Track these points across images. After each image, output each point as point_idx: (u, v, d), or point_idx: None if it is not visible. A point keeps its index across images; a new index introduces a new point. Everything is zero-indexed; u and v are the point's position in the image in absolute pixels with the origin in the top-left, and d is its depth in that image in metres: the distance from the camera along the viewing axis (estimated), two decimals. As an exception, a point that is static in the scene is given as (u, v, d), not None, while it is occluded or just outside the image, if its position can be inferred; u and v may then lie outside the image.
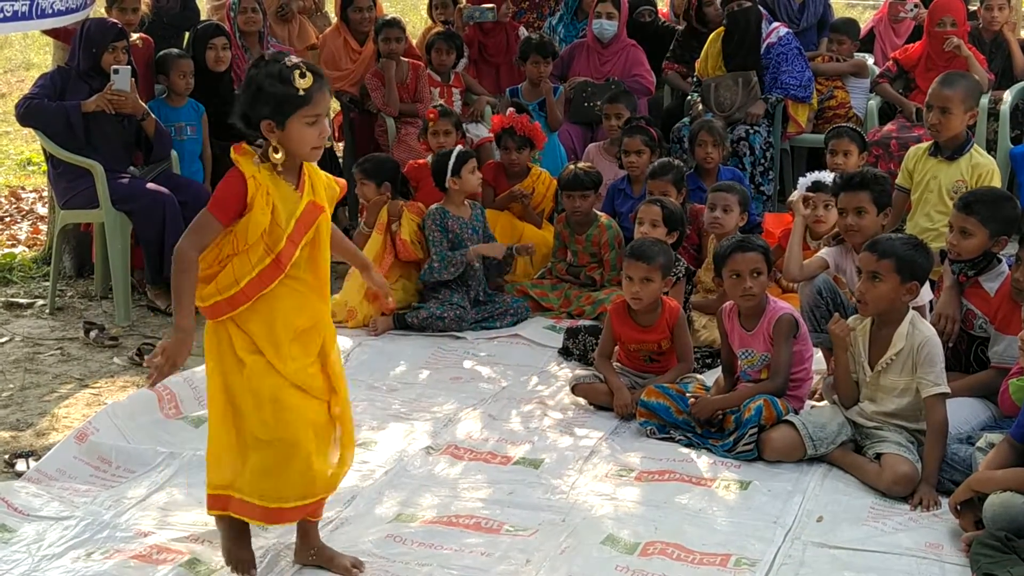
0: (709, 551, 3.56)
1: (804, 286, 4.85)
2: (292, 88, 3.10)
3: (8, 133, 10.77)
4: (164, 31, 7.26)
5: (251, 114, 3.15)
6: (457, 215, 5.91)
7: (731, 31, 7.51)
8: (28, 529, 3.71)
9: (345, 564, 3.46)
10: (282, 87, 3.10)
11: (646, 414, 4.47)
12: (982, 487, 3.55)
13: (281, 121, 3.12)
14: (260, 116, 3.13)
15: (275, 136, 3.14)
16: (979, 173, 5.21)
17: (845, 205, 4.82)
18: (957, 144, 5.29)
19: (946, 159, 5.28)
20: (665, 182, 5.84)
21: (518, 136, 6.39)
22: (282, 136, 3.14)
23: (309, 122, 3.14)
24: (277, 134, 3.14)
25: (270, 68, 3.13)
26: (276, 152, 3.14)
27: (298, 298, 3.26)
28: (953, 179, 5.24)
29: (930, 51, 7.38)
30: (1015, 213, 4.36)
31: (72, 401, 4.91)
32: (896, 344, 4.02)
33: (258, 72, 3.15)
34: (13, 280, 6.60)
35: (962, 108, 5.26)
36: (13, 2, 5.53)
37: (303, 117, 3.13)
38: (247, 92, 3.17)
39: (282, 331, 3.23)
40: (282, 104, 3.11)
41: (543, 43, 7.44)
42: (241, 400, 3.26)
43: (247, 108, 3.16)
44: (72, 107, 5.89)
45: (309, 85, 3.11)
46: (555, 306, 5.96)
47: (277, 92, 3.10)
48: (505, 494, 3.98)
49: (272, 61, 3.15)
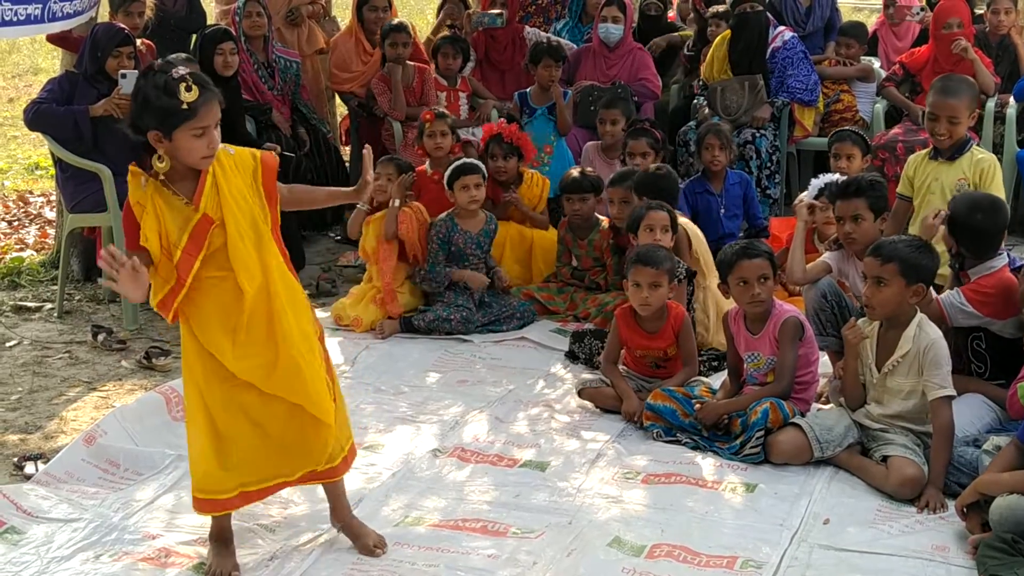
0: (716, 553, 3.56)
1: (809, 290, 4.85)
2: (177, 101, 3.09)
3: (16, 137, 10.81)
4: (170, 35, 7.29)
5: (139, 124, 3.17)
6: (464, 228, 5.91)
7: (737, 35, 7.52)
8: (37, 531, 3.72)
9: (368, 544, 3.56)
10: (167, 100, 3.10)
11: (652, 417, 4.47)
12: (989, 490, 3.55)
13: (167, 133, 3.13)
14: (147, 127, 3.14)
15: (163, 146, 3.15)
16: (981, 169, 5.19)
17: (842, 213, 4.81)
18: (958, 145, 5.27)
19: (947, 160, 5.27)
20: (626, 189, 5.82)
21: (505, 143, 6.30)
22: (169, 146, 3.15)
23: (196, 134, 3.14)
24: (165, 144, 3.15)
25: (156, 79, 3.13)
26: (160, 161, 3.16)
27: (227, 293, 3.27)
28: (955, 178, 5.22)
29: (937, 54, 7.38)
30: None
31: (80, 404, 4.93)
32: (903, 346, 4.02)
33: (146, 83, 3.15)
34: (21, 284, 6.62)
35: (967, 114, 5.25)
36: (27, 5, 5.56)
37: (189, 130, 3.13)
38: (135, 101, 3.18)
39: (220, 330, 3.27)
40: (168, 117, 3.11)
41: (554, 47, 7.45)
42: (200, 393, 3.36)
43: (135, 117, 3.18)
44: (80, 112, 5.92)
45: (195, 99, 3.11)
46: (561, 309, 5.97)
47: (163, 105, 3.10)
48: (512, 497, 3.99)
49: (159, 72, 3.15)
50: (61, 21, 5.94)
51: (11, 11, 5.48)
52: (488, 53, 8.17)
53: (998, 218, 4.45)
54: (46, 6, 5.69)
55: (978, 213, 4.41)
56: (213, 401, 3.34)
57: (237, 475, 3.38)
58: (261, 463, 3.40)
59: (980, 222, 4.38)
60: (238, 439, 3.36)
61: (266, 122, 7.08)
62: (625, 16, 7.82)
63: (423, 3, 18.04)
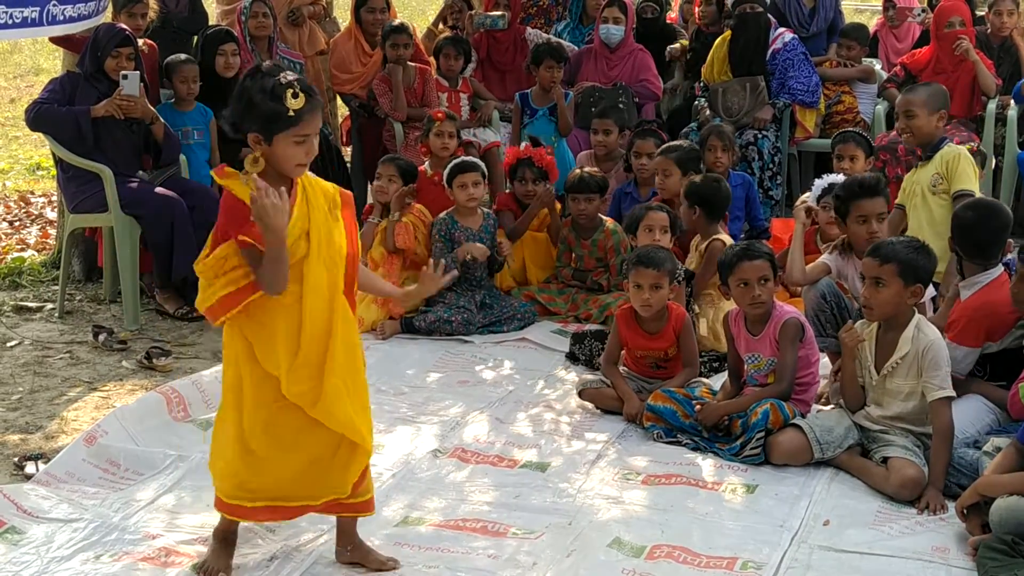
0: (716, 554, 3.56)
1: (808, 291, 4.85)
2: (283, 107, 3.06)
3: (18, 138, 10.82)
4: (173, 36, 7.28)
5: (240, 124, 3.15)
6: (465, 225, 5.91)
7: (737, 36, 7.53)
8: (37, 531, 3.72)
9: (380, 558, 3.51)
10: (273, 104, 3.07)
11: (653, 418, 4.47)
12: (989, 491, 3.55)
13: (268, 137, 3.10)
14: (248, 128, 3.12)
15: (260, 148, 3.12)
16: (947, 162, 5.31)
17: (868, 212, 4.80)
18: (932, 146, 5.40)
19: (924, 161, 5.42)
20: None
21: (536, 167, 6.27)
22: (268, 151, 3.12)
23: (297, 141, 3.11)
24: (263, 147, 3.12)
25: (263, 83, 3.09)
26: (255, 162, 3.11)
27: (292, 313, 3.19)
28: (930, 174, 5.35)
29: (938, 54, 7.39)
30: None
31: (81, 404, 4.93)
32: (902, 348, 4.02)
33: (252, 84, 3.11)
34: (22, 284, 6.62)
35: (925, 110, 5.35)
36: (24, 8, 5.56)
37: (292, 136, 3.10)
38: (239, 102, 3.14)
39: (282, 350, 3.20)
40: (271, 122, 3.08)
41: (556, 48, 7.45)
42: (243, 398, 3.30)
43: (237, 117, 3.15)
44: (82, 112, 5.92)
45: (301, 106, 3.07)
46: (562, 310, 5.97)
47: (267, 109, 3.07)
48: (512, 497, 3.99)
49: (267, 75, 3.11)
50: (61, 24, 5.93)
51: (6, 13, 5.47)
52: (490, 54, 8.18)
53: (991, 218, 4.44)
54: (44, 9, 5.68)
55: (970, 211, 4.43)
56: (254, 421, 3.27)
57: (266, 491, 3.33)
58: (289, 485, 3.34)
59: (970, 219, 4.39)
60: (272, 460, 3.30)
61: (268, 123, 7.07)
62: (626, 17, 7.83)
63: (424, 3, 18.04)
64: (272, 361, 3.22)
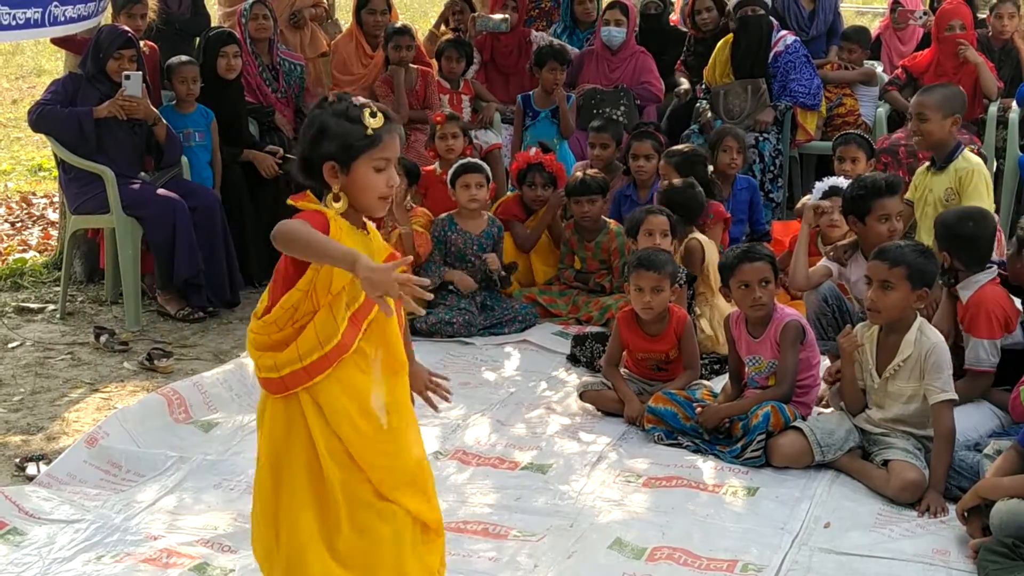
0: (716, 557, 3.56)
1: (810, 294, 4.85)
2: (361, 127, 2.77)
3: (20, 139, 10.83)
4: (174, 37, 7.29)
5: (312, 156, 2.79)
6: (464, 228, 5.91)
7: (739, 38, 7.53)
8: (39, 532, 3.73)
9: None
10: (350, 125, 2.77)
11: (654, 420, 4.48)
12: (989, 494, 3.55)
13: (346, 163, 2.77)
14: (323, 157, 2.77)
15: (338, 182, 2.78)
16: (960, 177, 5.21)
17: (890, 210, 4.79)
18: (946, 153, 5.28)
19: (938, 170, 5.29)
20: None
21: (546, 172, 6.24)
22: (346, 182, 2.79)
23: (377, 167, 2.79)
24: (340, 179, 2.78)
25: (337, 106, 2.80)
26: (336, 200, 2.79)
27: (364, 376, 2.84)
28: (944, 187, 5.25)
29: (940, 58, 7.39)
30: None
31: (82, 405, 4.94)
32: (904, 351, 4.02)
33: (322, 111, 2.81)
34: (24, 285, 6.63)
35: (939, 114, 5.24)
36: (27, 9, 5.57)
37: (371, 160, 2.78)
38: (308, 132, 2.82)
39: (359, 412, 2.82)
40: (349, 144, 2.76)
41: (559, 50, 7.46)
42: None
43: (308, 150, 2.80)
44: (84, 113, 5.93)
45: (380, 125, 2.79)
46: (563, 312, 5.97)
47: (344, 131, 2.77)
48: (513, 499, 3.99)
49: (339, 100, 2.83)
50: (63, 25, 5.95)
51: (9, 15, 5.48)
52: (494, 56, 8.19)
53: (986, 226, 4.46)
54: (46, 10, 5.70)
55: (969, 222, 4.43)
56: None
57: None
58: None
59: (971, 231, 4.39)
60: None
61: (269, 124, 7.09)
62: (628, 19, 7.83)
63: (426, 5, 18.05)
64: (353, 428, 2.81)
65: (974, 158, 5.38)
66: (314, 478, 2.81)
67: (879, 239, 4.71)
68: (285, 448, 2.82)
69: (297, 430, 2.81)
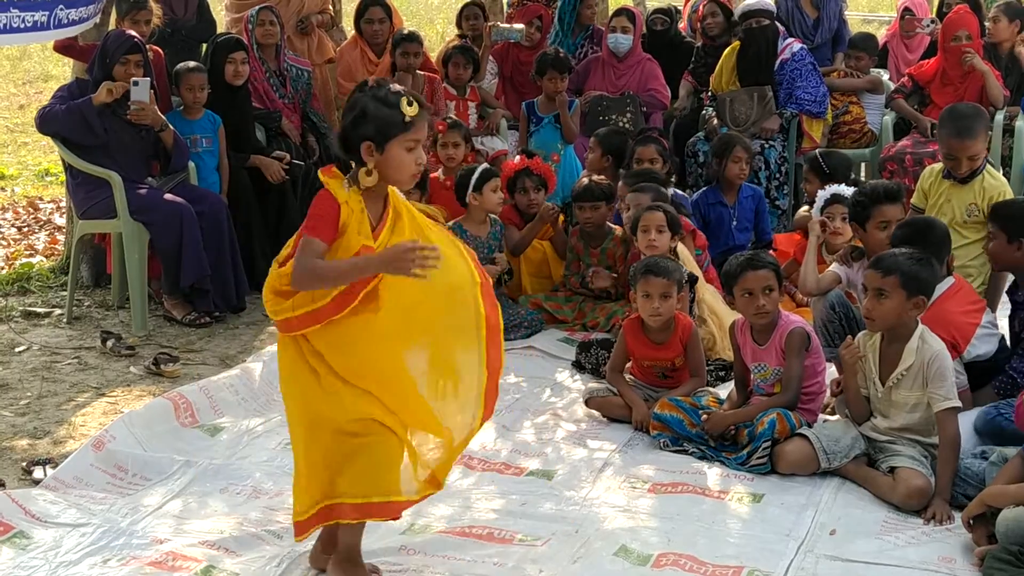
0: (722, 563, 3.56)
1: (817, 301, 4.86)
2: (399, 113, 3.15)
3: (27, 144, 10.85)
4: (181, 43, 7.31)
5: (352, 135, 3.18)
6: (474, 233, 5.92)
7: (746, 47, 7.54)
8: (45, 536, 3.74)
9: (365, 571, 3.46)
10: (388, 111, 3.15)
11: (659, 427, 4.48)
12: (995, 501, 3.55)
13: (381, 144, 3.16)
14: (362, 137, 3.16)
15: (373, 159, 3.17)
16: (990, 196, 5.09)
17: (890, 218, 4.79)
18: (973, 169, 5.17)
19: (959, 182, 5.19)
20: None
21: (535, 175, 6.23)
22: (380, 160, 3.18)
23: (409, 147, 3.18)
24: (376, 157, 3.17)
25: (378, 92, 3.18)
26: (368, 175, 3.17)
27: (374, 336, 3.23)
28: (967, 202, 5.15)
29: (945, 66, 7.40)
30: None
31: (89, 410, 4.95)
32: (906, 359, 4.02)
33: (363, 95, 3.19)
34: (31, 289, 6.64)
35: (983, 145, 5.15)
36: (34, 12, 5.60)
37: (404, 142, 3.17)
38: (351, 113, 3.19)
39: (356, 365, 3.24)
40: (386, 127, 3.15)
41: (560, 59, 7.47)
42: (324, 407, 3.27)
43: (349, 129, 3.19)
44: (84, 103, 5.93)
45: (415, 113, 3.17)
46: (569, 318, 5.97)
47: (383, 115, 3.15)
48: (518, 505, 3.99)
49: (380, 86, 3.21)
50: (67, 28, 5.98)
51: (19, 18, 5.51)
52: (513, 75, 8.19)
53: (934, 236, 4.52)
54: (52, 13, 5.72)
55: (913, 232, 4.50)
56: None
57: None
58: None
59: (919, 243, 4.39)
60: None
61: (276, 130, 7.11)
62: (634, 26, 7.85)
63: (432, 13, 18.09)
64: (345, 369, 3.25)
65: (1000, 176, 5.29)
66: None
67: (879, 246, 4.73)
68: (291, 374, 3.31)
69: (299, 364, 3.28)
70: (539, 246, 6.33)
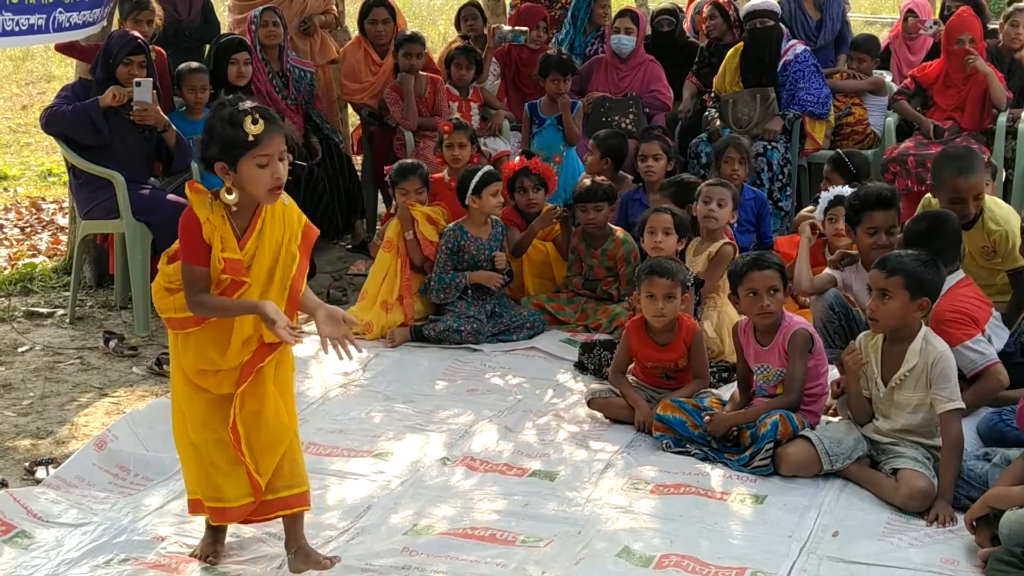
0: (724, 564, 3.56)
1: (816, 302, 4.86)
2: (242, 132, 3.21)
3: (29, 144, 10.86)
4: (185, 44, 7.31)
5: (206, 155, 3.31)
6: (475, 235, 5.92)
7: (749, 48, 7.54)
8: (47, 535, 3.74)
9: (319, 559, 3.49)
10: (232, 130, 3.23)
11: (662, 428, 4.48)
12: (998, 503, 3.55)
13: (233, 163, 3.25)
14: (214, 158, 3.28)
15: (229, 178, 3.27)
16: (994, 240, 4.91)
17: (881, 224, 4.78)
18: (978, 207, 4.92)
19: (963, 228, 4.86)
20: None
21: (534, 175, 6.21)
22: (236, 177, 3.27)
23: (260, 164, 3.25)
24: (231, 175, 3.27)
25: (222, 112, 3.27)
26: (229, 193, 3.27)
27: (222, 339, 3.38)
28: (979, 246, 4.95)
29: (948, 69, 7.38)
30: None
31: (91, 410, 4.95)
32: (909, 360, 4.02)
33: (213, 116, 3.30)
34: (34, 290, 6.65)
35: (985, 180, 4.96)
36: (30, 15, 5.59)
37: (254, 159, 3.24)
38: (204, 135, 3.33)
39: (208, 364, 3.41)
40: (232, 147, 3.24)
41: (563, 60, 7.46)
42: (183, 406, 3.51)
43: (202, 151, 3.34)
44: (90, 104, 5.93)
45: (260, 132, 3.22)
46: (571, 319, 5.97)
47: (228, 135, 3.24)
48: (520, 506, 4.00)
49: (226, 105, 3.29)
50: (67, 31, 5.96)
51: (12, 21, 5.49)
52: (516, 77, 8.18)
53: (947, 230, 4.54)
54: (50, 16, 5.71)
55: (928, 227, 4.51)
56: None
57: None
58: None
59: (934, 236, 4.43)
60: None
61: (278, 131, 7.09)
62: (637, 28, 7.85)
63: (435, 14, 18.10)
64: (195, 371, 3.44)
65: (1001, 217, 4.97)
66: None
67: (865, 251, 4.74)
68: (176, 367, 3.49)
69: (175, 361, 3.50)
70: (542, 247, 6.33)
